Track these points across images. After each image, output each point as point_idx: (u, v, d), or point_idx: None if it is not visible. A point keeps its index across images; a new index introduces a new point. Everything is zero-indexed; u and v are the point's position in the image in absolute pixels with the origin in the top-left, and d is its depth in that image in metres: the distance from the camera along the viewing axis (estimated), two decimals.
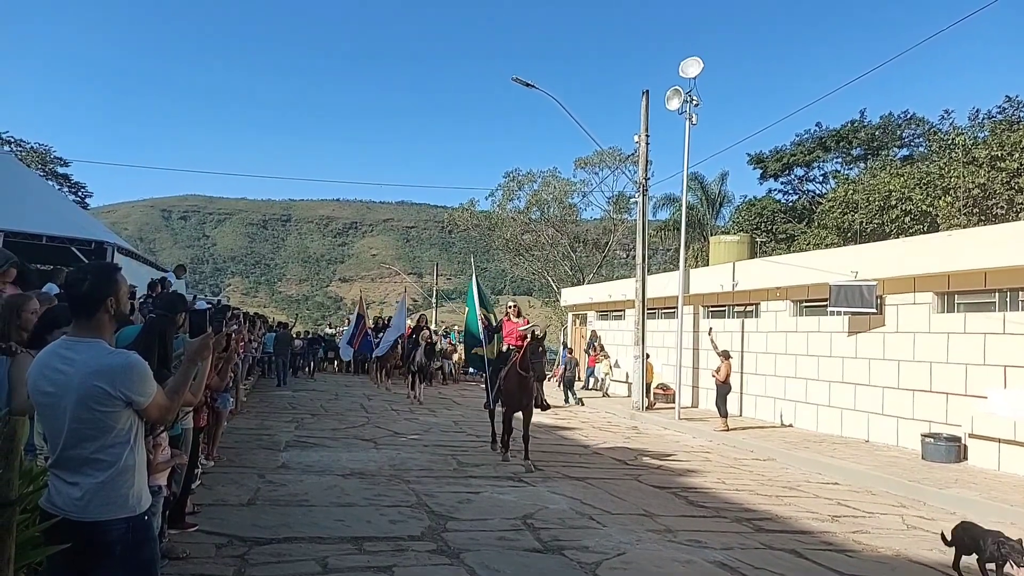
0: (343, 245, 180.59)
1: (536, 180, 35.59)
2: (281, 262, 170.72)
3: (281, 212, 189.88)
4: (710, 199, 34.14)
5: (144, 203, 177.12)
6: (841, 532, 6.73)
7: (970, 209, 20.26)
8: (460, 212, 38.95)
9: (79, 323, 2.39)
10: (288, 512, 6.21)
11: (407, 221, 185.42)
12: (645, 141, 17.13)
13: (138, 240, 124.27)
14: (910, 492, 8.75)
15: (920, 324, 11.88)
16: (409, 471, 8.34)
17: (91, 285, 2.36)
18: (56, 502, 2.29)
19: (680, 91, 15.37)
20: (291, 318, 44.78)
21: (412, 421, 13.04)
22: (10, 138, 33.13)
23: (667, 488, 8.29)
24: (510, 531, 6.04)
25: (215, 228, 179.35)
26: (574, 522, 6.47)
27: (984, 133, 23.28)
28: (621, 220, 34.33)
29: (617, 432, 13.28)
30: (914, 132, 31.68)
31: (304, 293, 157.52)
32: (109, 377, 2.27)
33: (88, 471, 2.28)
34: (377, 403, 15.81)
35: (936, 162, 23.89)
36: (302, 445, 9.73)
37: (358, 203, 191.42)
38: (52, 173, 34.17)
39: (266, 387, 18.26)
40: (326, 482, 7.50)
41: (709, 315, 17.61)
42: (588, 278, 33.28)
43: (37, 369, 2.35)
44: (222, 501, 6.46)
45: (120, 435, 2.32)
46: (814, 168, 34.31)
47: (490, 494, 7.42)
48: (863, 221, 24.32)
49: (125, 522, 2.32)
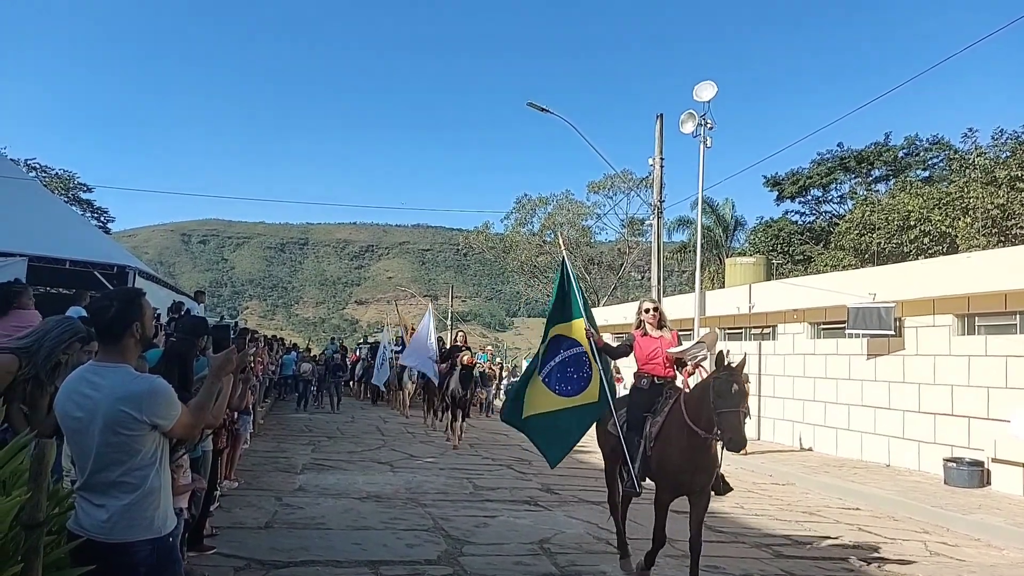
0: (359, 268, 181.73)
1: (550, 203, 35.77)
2: (298, 285, 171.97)
3: (299, 236, 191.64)
4: (724, 222, 34.08)
5: (164, 227, 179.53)
6: (863, 558, 6.63)
7: (990, 230, 20.08)
8: (475, 235, 39.18)
9: (105, 348, 2.45)
10: (305, 535, 6.22)
11: (423, 244, 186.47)
12: (660, 164, 17.19)
13: (158, 264, 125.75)
14: (933, 518, 8.60)
15: (940, 347, 11.75)
16: (425, 494, 8.33)
17: (117, 311, 2.43)
18: (83, 524, 2.34)
19: (694, 115, 15.44)
20: (304, 340, 44.90)
21: (428, 444, 13.02)
22: (35, 164, 33.80)
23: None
24: (527, 555, 6.01)
25: (234, 252, 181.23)
26: (591, 547, 6.43)
27: (1006, 153, 23.13)
28: (636, 242, 34.34)
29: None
30: (938, 156, 31.42)
31: (321, 316, 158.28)
32: (135, 402, 2.32)
33: (115, 494, 2.33)
34: (393, 425, 15.81)
35: (956, 182, 23.74)
36: (319, 468, 9.75)
37: (374, 226, 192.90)
38: (75, 199, 34.75)
39: (283, 409, 18.31)
40: (343, 505, 7.51)
41: (726, 337, 17.51)
42: (603, 300, 33.22)
43: (65, 394, 2.41)
44: (240, 524, 6.49)
45: (146, 458, 2.37)
46: (832, 189, 34.14)
47: (506, 518, 7.39)
48: (881, 242, 24.16)
49: (150, 544, 2.36)
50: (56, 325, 3.55)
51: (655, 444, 5.50)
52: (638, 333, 6.04)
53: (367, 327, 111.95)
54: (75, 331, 3.56)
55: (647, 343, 5.92)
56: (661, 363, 5.80)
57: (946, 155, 29.77)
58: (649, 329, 5.98)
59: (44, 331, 3.49)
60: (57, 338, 3.46)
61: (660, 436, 5.47)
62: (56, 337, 3.46)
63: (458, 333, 15.30)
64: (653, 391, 5.77)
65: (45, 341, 3.43)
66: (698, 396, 5.20)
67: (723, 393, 4.87)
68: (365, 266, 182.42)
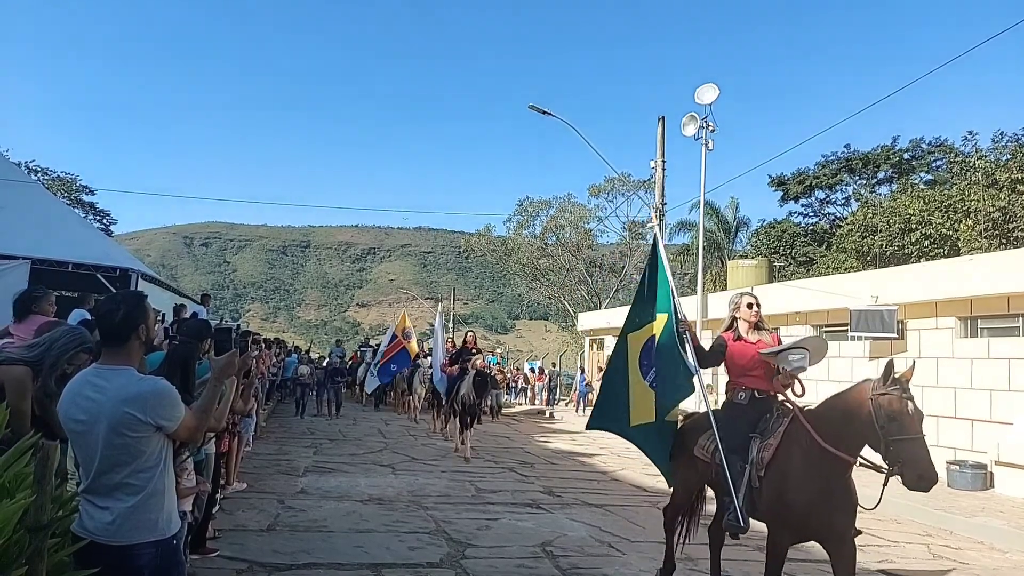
0: (361, 271, 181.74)
1: (552, 206, 35.81)
2: (300, 287, 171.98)
3: (300, 238, 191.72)
4: (726, 224, 34.09)
5: (167, 230, 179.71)
6: (866, 561, 6.61)
7: (991, 233, 20.07)
8: (477, 238, 39.20)
9: (110, 351, 2.47)
10: (307, 538, 6.23)
11: (424, 246, 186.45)
12: (662, 167, 17.22)
13: (160, 266, 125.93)
14: (936, 521, 8.59)
15: (943, 349, 11.74)
16: (427, 497, 8.33)
17: (125, 314, 2.45)
18: (88, 526, 2.35)
19: (696, 117, 15.47)
20: (307, 342, 44.83)
21: (429, 447, 13.02)
22: (37, 167, 33.89)
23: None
24: (529, 558, 6.00)
25: (236, 254, 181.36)
26: (593, 550, 6.42)
27: (1007, 156, 23.12)
28: (637, 245, 34.35)
29: (635, 458, 13.15)
30: (941, 158, 31.42)
31: (323, 318, 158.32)
32: (140, 404, 2.34)
33: (119, 495, 2.34)
34: (395, 428, 15.81)
35: (956, 185, 23.74)
36: (321, 470, 9.75)
37: (376, 229, 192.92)
38: (78, 201, 34.83)
39: (285, 412, 18.30)
40: (345, 508, 7.51)
41: None
42: (605, 303, 33.24)
43: (69, 397, 2.42)
44: (242, 526, 6.49)
45: (151, 460, 2.39)
46: (836, 191, 34.14)
47: (508, 520, 7.38)
48: (883, 244, 24.16)
49: (154, 546, 2.37)
50: (63, 335, 3.56)
51: (768, 473, 4.42)
52: (729, 336, 4.94)
53: (369, 330, 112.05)
54: (82, 340, 3.57)
55: (744, 349, 4.80)
56: (763, 374, 4.73)
57: (948, 158, 29.77)
58: (744, 331, 4.87)
59: (51, 341, 3.50)
60: (63, 347, 3.47)
61: (775, 463, 4.41)
62: (63, 346, 3.47)
63: (468, 333, 14.34)
64: (755, 407, 4.71)
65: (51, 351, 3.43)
66: (839, 415, 4.19)
67: (897, 415, 3.86)
68: (367, 269, 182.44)
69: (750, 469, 4.49)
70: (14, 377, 3.27)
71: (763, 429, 4.58)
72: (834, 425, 4.17)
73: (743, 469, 4.51)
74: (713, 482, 5.01)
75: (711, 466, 4.81)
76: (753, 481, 4.48)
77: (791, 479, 4.27)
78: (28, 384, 3.29)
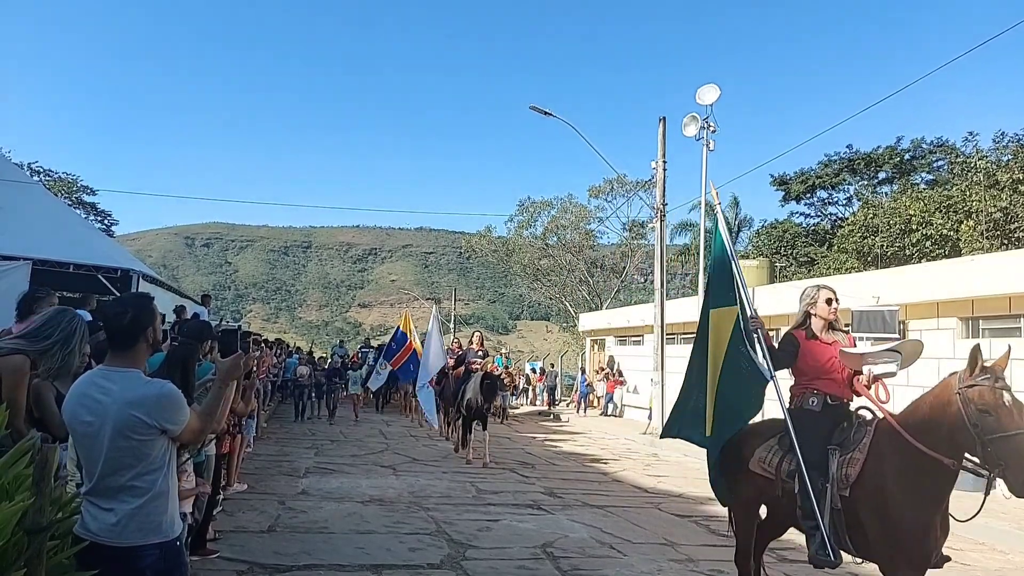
0: (362, 271, 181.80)
1: (553, 207, 35.81)
2: (302, 288, 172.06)
3: (302, 239, 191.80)
4: (728, 224, 34.05)
5: (168, 231, 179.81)
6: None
7: (992, 233, 20.05)
8: (478, 238, 39.18)
9: (117, 353, 2.47)
10: (308, 539, 6.23)
11: (426, 247, 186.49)
12: (663, 167, 17.23)
13: (162, 267, 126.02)
14: None
15: (944, 350, 11.72)
16: (428, 498, 8.33)
17: (133, 317, 2.46)
18: (90, 528, 2.35)
19: (697, 118, 15.49)
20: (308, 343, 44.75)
21: (430, 448, 13.02)
22: (39, 168, 33.93)
23: (688, 516, 8.20)
24: (530, 560, 6.00)
25: (237, 255, 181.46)
26: (594, 551, 6.41)
27: (1008, 156, 23.12)
28: (638, 245, 34.35)
29: (637, 459, 13.17)
30: (942, 159, 31.39)
31: (324, 319, 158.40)
32: (145, 407, 2.34)
33: (124, 497, 2.35)
34: (396, 429, 15.81)
35: (957, 185, 23.73)
36: (322, 471, 9.75)
37: (377, 229, 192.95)
38: (79, 202, 34.86)
39: (285, 413, 18.26)
40: (346, 509, 7.51)
41: None
42: (606, 303, 33.22)
43: (75, 398, 2.42)
44: (243, 528, 6.49)
45: (155, 462, 2.39)
46: (838, 191, 34.11)
47: (509, 522, 7.38)
48: (884, 245, 24.15)
49: (158, 547, 2.37)
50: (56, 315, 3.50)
51: (855, 492, 3.81)
52: (801, 334, 4.41)
53: (370, 330, 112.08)
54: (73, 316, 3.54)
55: (818, 349, 4.30)
56: (840, 378, 4.23)
57: (949, 158, 29.75)
58: (818, 329, 4.36)
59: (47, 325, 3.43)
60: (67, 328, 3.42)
61: (865, 480, 3.78)
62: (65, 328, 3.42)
63: (475, 335, 13.79)
64: (831, 415, 4.16)
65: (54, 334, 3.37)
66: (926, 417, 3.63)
67: (991, 409, 3.31)
68: (368, 269, 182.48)
69: (831, 488, 3.87)
70: (11, 366, 3.22)
71: (841, 441, 3.99)
72: (926, 431, 3.59)
73: (824, 488, 3.89)
74: (776, 502, 4.33)
75: (775, 483, 4.18)
76: (834, 502, 3.86)
77: (895, 498, 3.62)
78: (26, 373, 3.24)
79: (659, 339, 16.77)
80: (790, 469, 4.09)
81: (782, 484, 4.14)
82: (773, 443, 4.30)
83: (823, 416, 4.14)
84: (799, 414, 4.23)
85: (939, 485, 3.60)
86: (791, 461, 4.09)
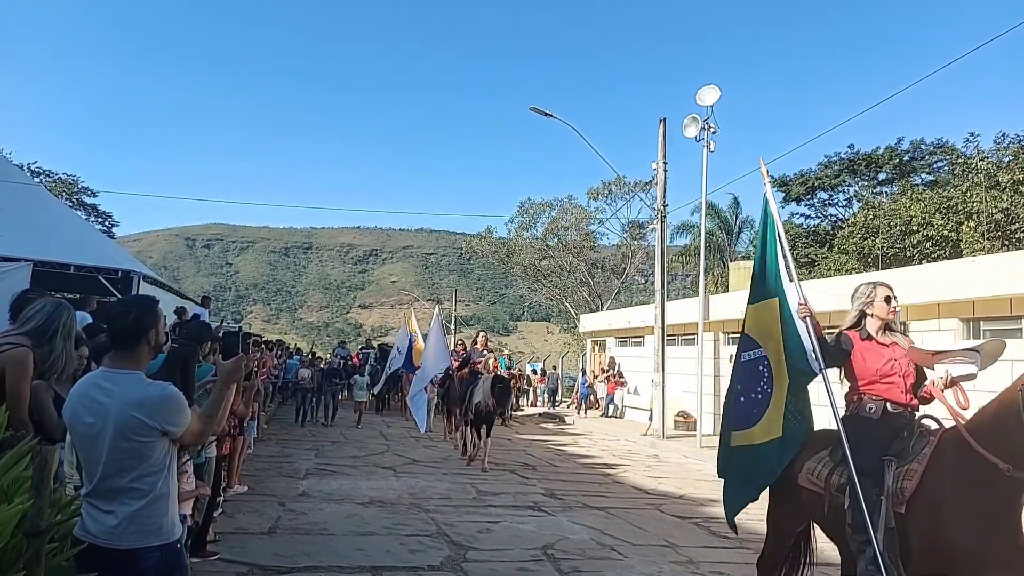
0: (363, 272, 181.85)
1: (553, 208, 35.83)
2: (302, 289, 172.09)
3: (303, 240, 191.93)
4: (728, 225, 34.08)
5: (169, 232, 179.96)
6: None
7: (993, 234, 20.04)
8: (478, 239, 39.19)
9: (119, 354, 2.47)
10: (308, 541, 6.22)
11: (426, 248, 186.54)
12: (663, 168, 17.23)
13: (162, 268, 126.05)
14: None
15: None
16: (428, 499, 8.32)
17: (136, 318, 2.46)
18: (91, 530, 2.34)
19: (697, 119, 15.48)
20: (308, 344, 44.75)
21: (431, 449, 13.01)
22: (39, 169, 33.95)
23: (689, 518, 8.19)
24: (530, 562, 5.99)
25: (238, 256, 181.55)
26: (595, 553, 6.40)
27: (1009, 157, 23.09)
28: (639, 246, 34.36)
29: (637, 460, 13.16)
30: (942, 160, 31.37)
31: (325, 320, 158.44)
32: (147, 409, 2.34)
33: (124, 499, 2.35)
34: (396, 430, 15.80)
35: (958, 187, 23.72)
36: (322, 473, 9.74)
37: (378, 230, 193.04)
38: (79, 203, 34.89)
39: (286, 415, 18.21)
40: (346, 510, 7.50)
41: (730, 341, 17.47)
42: (607, 304, 33.21)
43: (76, 399, 2.42)
44: (243, 529, 6.49)
45: (156, 464, 2.39)
46: (839, 192, 34.09)
47: (510, 523, 7.37)
48: (884, 246, 24.13)
49: (159, 550, 2.37)
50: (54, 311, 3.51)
51: (912, 508, 3.45)
52: (855, 335, 4.05)
53: (371, 331, 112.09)
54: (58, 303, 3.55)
55: (875, 351, 3.94)
56: (901, 383, 3.85)
57: (950, 159, 29.74)
58: (874, 329, 4.00)
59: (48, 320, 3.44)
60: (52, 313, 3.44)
61: (922, 495, 3.42)
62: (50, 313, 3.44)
63: (479, 335, 13.34)
64: (888, 423, 3.80)
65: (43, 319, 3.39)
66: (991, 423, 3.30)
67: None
68: (369, 270, 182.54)
69: (887, 503, 3.49)
70: (15, 359, 3.23)
71: (899, 451, 3.64)
72: (991, 436, 3.23)
73: (878, 501, 3.52)
74: (824, 520, 3.93)
75: (823, 498, 3.81)
76: (889, 519, 3.47)
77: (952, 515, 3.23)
78: (29, 366, 3.24)
79: (660, 340, 16.77)
80: (840, 482, 3.74)
81: (830, 499, 3.78)
82: (824, 455, 3.94)
83: (882, 424, 3.78)
84: (855, 421, 3.88)
85: (1004, 499, 3.15)
86: (842, 474, 3.73)
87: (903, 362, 3.86)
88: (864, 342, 3.98)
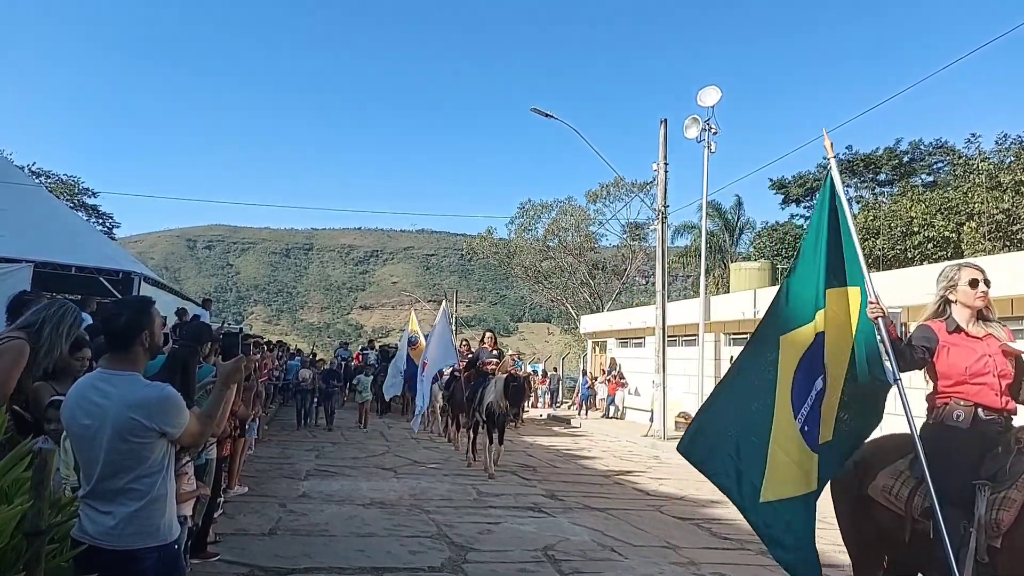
0: (364, 273, 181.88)
1: (553, 209, 35.85)
2: (303, 290, 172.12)
3: (303, 241, 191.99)
4: (729, 226, 34.09)
5: (170, 233, 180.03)
6: None
7: (994, 235, 20.02)
8: (479, 240, 39.21)
9: (115, 356, 2.47)
10: (309, 542, 6.21)
11: (427, 249, 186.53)
12: (664, 169, 17.22)
13: (164, 269, 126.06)
14: None
15: None
16: (429, 501, 8.31)
17: (128, 320, 2.45)
18: (89, 531, 2.34)
19: (698, 120, 15.50)
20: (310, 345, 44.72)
21: (432, 450, 13.01)
22: (39, 170, 33.96)
23: (690, 519, 8.18)
24: (531, 563, 5.98)
25: (239, 257, 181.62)
26: (596, 554, 6.39)
27: (1010, 158, 23.07)
28: (639, 247, 34.37)
29: (638, 461, 13.15)
30: (942, 160, 31.36)
31: (325, 321, 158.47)
32: (145, 410, 2.34)
33: (122, 500, 2.34)
34: (397, 432, 15.79)
35: (959, 187, 23.71)
36: (323, 474, 9.74)
37: (378, 231, 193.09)
38: (80, 204, 34.90)
39: (286, 416, 18.15)
40: (346, 512, 7.50)
41: (731, 342, 17.46)
42: (607, 305, 33.21)
43: (74, 400, 2.42)
44: (243, 530, 6.48)
45: (154, 465, 2.39)
46: None
47: (510, 524, 7.36)
48: (885, 247, 24.11)
49: (156, 551, 2.37)
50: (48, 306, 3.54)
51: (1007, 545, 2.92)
52: (939, 326, 3.39)
53: (372, 332, 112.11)
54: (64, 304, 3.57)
55: (964, 346, 3.29)
56: (997, 383, 3.20)
57: (950, 160, 29.72)
58: (964, 320, 3.35)
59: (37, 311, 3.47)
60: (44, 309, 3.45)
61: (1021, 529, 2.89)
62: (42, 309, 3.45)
63: (486, 333, 12.70)
64: (980, 432, 3.20)
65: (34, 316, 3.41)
66: None
67: None
68: (370, 271, 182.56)
69: (976, 535, 2.95)
70: (12, 348, 3.25)
71: (994, 473, 3.07)
72: None
73: (967, 533, 2.97)
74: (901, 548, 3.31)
75: (904, 522, 3.22)
76: (980, 555, 2.93)
77: None
78: (25, 355, 3.26)
79: (660, 341, 16.76)
80: (925, 506, 3.12)
81: (913, 524, 3.18)
82: (902, 467, 3.34)
83: (971, 434, 3.17)
84: (938, 431, 3.28)
85: None
86: (926, 496, 3.09)
87: (999, 359, 3.19)
88: (952, 335, 3.33)
